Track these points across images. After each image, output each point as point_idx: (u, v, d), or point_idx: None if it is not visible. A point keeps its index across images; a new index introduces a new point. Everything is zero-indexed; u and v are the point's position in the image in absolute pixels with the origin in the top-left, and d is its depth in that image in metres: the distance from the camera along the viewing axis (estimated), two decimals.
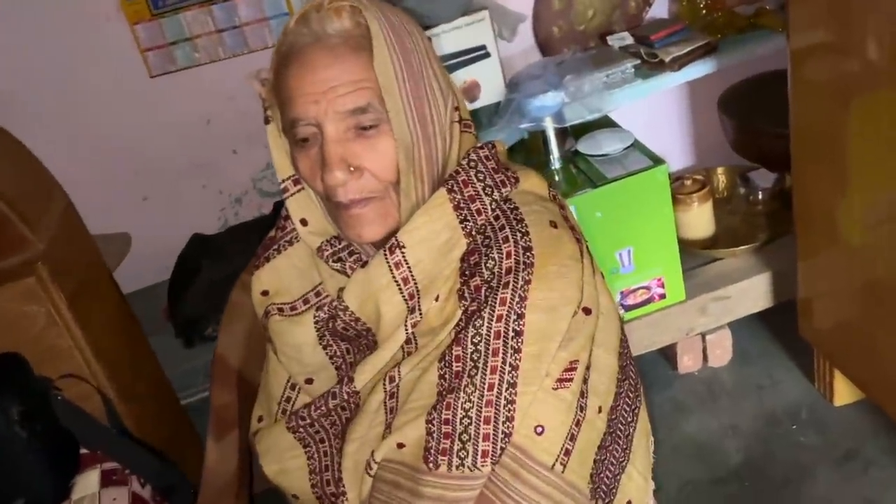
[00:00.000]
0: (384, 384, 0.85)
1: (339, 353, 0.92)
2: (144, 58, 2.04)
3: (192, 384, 1.83)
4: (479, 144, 0.90)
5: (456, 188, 0.85)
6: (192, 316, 1.95)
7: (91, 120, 2.07)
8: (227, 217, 2.26)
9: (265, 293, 0.96)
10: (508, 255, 0.81)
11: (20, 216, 1.17)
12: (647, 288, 1.75)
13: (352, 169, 0.81)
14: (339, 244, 0.89)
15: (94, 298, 1.32)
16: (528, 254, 0.81)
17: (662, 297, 1.76)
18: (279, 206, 2.10)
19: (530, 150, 1.82)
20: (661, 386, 1.90)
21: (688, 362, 1.92)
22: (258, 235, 1.04)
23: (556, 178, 1.71)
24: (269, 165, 2.23)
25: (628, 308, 1.76)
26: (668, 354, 1.94)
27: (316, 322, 0.90)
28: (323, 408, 0.90)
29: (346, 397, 0.88)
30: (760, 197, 2.01)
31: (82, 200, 1.53)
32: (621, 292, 1.73)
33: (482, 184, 0.86)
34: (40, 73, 2.01)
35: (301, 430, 0.93)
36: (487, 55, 1.77)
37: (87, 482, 1.17)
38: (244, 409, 1.09)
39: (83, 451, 1.22)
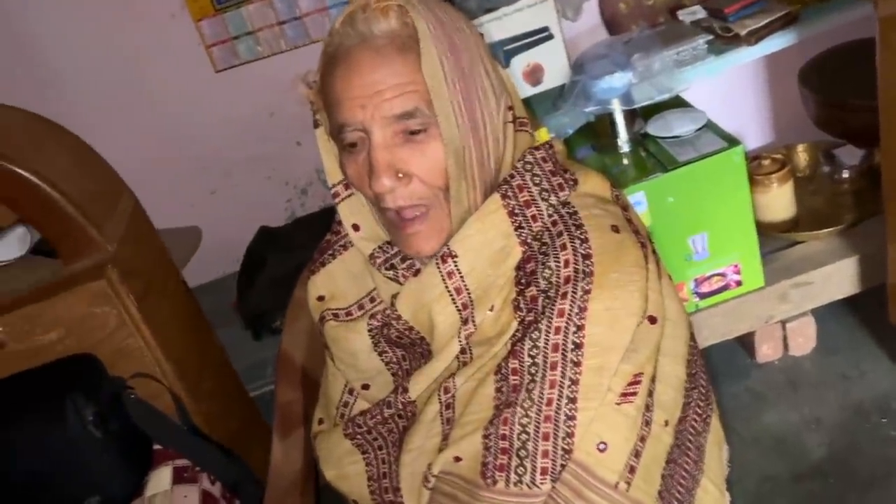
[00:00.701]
0: (439, 395, 0.83)
1: (394, 360, 0.90)
2: (209, 53, 2.07)
3: (261, 376, 1.86)
4: (535, 145, 0.86)
5: (510, 193, 0.81)
6: (260, 309, 1.98)
7: (159, 116, 2.12)
8: (294, 208, 2.28)
9: (321, 298, 0.95)
10: (566, 264, 0.78)
11: (89, 219, 1.19)
12: (723, 275, 1.67)
13: (400, 175, 0.79)
14: (392, 250, 0.87)
15: (162, 297, 1.34)
16: (587, 261, 0.77)
17: (739, 283, 1.69)
18: None
19: (597, 134, 1.76)
20: (738, 375, 1.83)
21: (767, 351, 1.84)
22: (323, 227, 1.04)
23: (625, 162, 1.64)
24: None
25: (703, 296, 1.69)
26: (745, 342, 1.86)
27: (370, 329, 0.88)
28: (378, 416, 0.89)
29: (400, 407, 0.87)
30: (846, 175, 1.88)
31: (152, 195, 1.57)
32: (695, 280, 1.66)
33: (538, 188, 0.82)
34: (109, 72, 2.07)
35: (358, 436, 0.92)
36: (551, 37, 1.72)
37: (160, 479, 1.20)
38: (309, 405, 1.10)
39: (155, 447, 1.25)
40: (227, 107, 2.12)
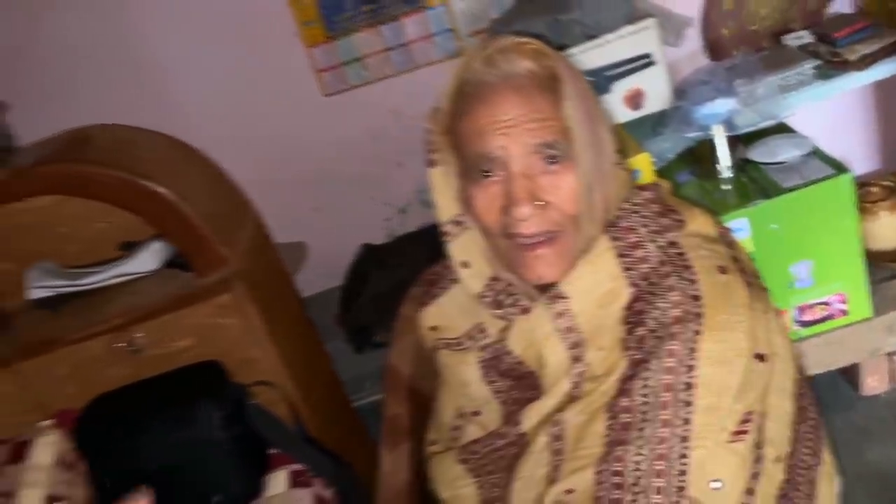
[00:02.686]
0: (549, 428, 0.86)
1: (503, 390, 0.93)
2: (319, 78, 2.17)
3: (362, 388, 1.92)
4: (643, 185, 0.89)
5: (619, 235, 0.85)
6: (362, 323, 2.05)
7: (270, 137, 2.23)
8: (393, 226, 2.35)
9: (434, 328, 1.01)
10: (675, 305, 0.80)
11: (220, 236, 1.28)
12: (827, 304, 1.63)
13: (538, 203, 0.82)
14: (499, 286, 0.90)
15: (280, 309, 1.43)
16: (696, 303, 0.79)
17: (844, 313, 1.64)
18: None
19: (698, 159, 1.75)
20: (842, 408, 1.78)
21: (873, 384, 1.78)
22: (424, 245, 1.08)
23: (726, 188, 1.64)
24: None
25: (805, 324, 1.65)
26: (850, 374, 1.81)
27: (480, 361, 0.93)
28: (491, 446, 0.92)
29: (513, 438, 0.90)
30: None
31: (260, 210, 1.66)
32: (798, 308, 1.63)
33: (646, 229, 0.85)
34: (229, 96, 2.20)
35: (471, 461, 0.95)
36: (652, 63, 1.73)
37: (277, 482, 1.27)
38: (416, 418, 1.13)
39: (272, 451, 1.32)
40: (334, 129, 2.21)
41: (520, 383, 0.92)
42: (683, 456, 0.76)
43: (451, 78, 0.87)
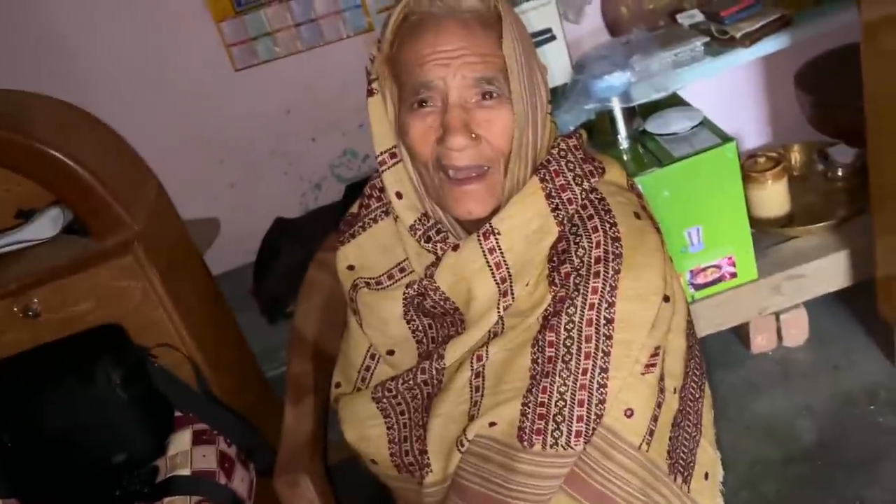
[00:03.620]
0: (471, 363, 0.89)
1: (421, 329, 0.96)
2: (229, 52, 2.17)
3: (275, 358, 1.93)
4: (566, 134, 0.94)
5: (548, 177, 0.88)
6: (275, 294, 2.06)
7: (181, 112, 2.22)
8: (308, 202, 2.37)
9: (350, 267, 1.01)
10: (598, 245, 0.85)
11: (118, 200, 1.28)
12: (718, 266, 1.73)
13: (473, 136, 0.85)
14: (429, 222, 0.92)
15: (184, 276, 1.43)
16: (616, 244, 0.84)
17: (733, 275, 1.75)
18: (351, 189, 2.19)
19: (598, 131, 1.83)
20: (733, 365, 1.88)
21: (761, 342, 1.89)
22: (335, 219, 1.10)
23: (623, 157, 1.72)
24: (345, 153, 2.32)
25: (698, 287, 1.75)
26: (740, 333, 1.92)
27: (405, 298, 0.94)
28: (410, 381, 0.95)
29: (433, 373, 0.93)
30: (840, 173, 1.94)
31: (173, 188, 1.65)
32: (690, 271, 1.73)
33: (572, 173, 0.89)
34: (136, 70, 2.17)
35: (384, 401, 0.97)
36: (553, 38, 1.79)
37: (181, 441, 1.28)
38: (319, 377, 1.15)
39: (177, 413, 1.34)
40: (246, 104, 2.21)
41: (441, 321, 0.95)
42: (602, 386, 0.83)
43: (396, 8, 0.89)
